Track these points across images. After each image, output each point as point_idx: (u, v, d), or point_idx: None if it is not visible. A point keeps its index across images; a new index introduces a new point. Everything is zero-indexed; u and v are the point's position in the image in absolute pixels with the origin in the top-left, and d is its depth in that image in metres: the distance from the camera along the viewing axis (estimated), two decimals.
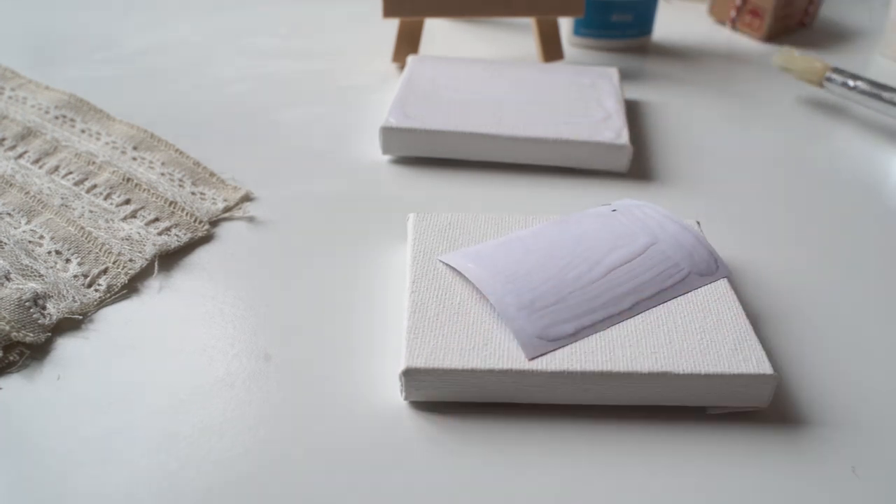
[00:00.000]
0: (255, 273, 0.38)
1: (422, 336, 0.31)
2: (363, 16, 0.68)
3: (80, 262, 0.37)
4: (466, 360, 0.30)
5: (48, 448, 0.28)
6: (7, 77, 0.54)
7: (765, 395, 0.30)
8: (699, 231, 0.38)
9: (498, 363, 0.30)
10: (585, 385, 0.30)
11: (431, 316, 0.32)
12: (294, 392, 0.31)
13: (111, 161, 0.45)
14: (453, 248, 0.36)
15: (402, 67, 0.58)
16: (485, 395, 0.30)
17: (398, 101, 0.48)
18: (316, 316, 0.35)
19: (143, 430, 0.29)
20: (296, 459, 0.28)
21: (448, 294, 0.33)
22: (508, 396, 0.30)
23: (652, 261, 0.35)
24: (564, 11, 0.56)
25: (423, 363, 0.30)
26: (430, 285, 0.34)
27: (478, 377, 0.30)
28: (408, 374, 0.30)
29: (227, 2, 0.71)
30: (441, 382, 0.30)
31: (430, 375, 0.30)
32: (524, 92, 0.50)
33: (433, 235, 0.37)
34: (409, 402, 0.31)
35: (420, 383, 0.30)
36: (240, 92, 0.55)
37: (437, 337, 0.31)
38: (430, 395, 0.30)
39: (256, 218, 0.42)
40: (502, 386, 0.30)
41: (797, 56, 0.57)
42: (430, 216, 0.38)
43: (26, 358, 0.32)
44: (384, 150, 0.46)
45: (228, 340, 0.34)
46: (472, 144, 0.46)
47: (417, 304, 0.33)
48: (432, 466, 0.28)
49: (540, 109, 0.48)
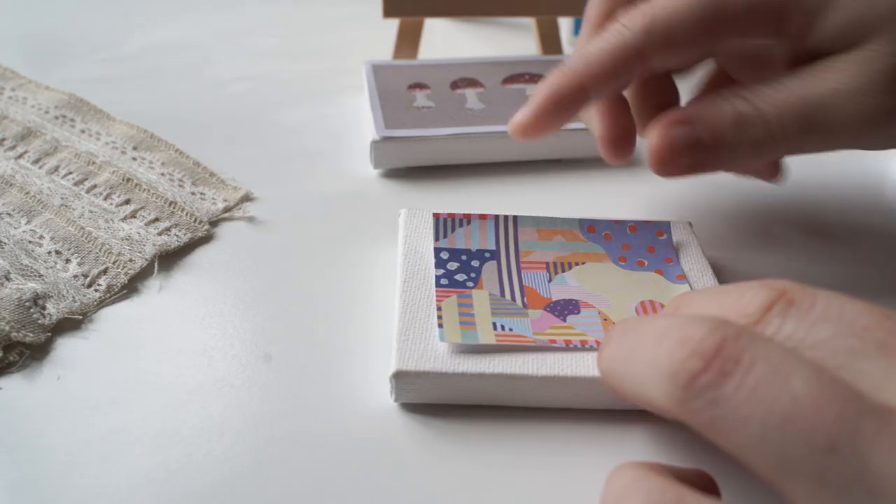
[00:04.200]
0: (255, 273, 0.38)
1: (412, 338, 0.31)
2: (363, 16, 0.68)
3: (80, 262, 0.37)
4: (457, 364, 0.30)
5: (48, 448, 0.28)
6: (7, 77, 0.54)
7: None
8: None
9: (488, 367, 0.30)
10: (576, 390, 0.30)
11: (423, 318, 0.32)
12: (293, 392, 0.31)
13: (111, 161, 0.45)
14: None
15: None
16: (475, 398, 0.30)
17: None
18: (316, 316, 0.35)
19: (143, 430, 0.29)
20: (296, 459, 0.28)
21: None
22: (499, 400, 0.30)
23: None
24: (564, 11, 0.56)
25: (414, 366, 0.30)
26: (421, 285, 0.34)
27: (468, 381, 0.30)
28: (398, 377, 0.30)
29: (227, 2, 0.71)
30: (432, 385, 0.30)
31: (421, 378, 0.30)
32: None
33: (426, 232, 0.37)
34: (399, 403, 0.31)
35: (410, 386, 0.30)
36: (239, 92, 0.55)
37: (427, 339, 0.31)
38: (420, 396, 0.30)
39: (256, 218, 0.42)
40: (493, 390, 0.30)
41: None
42: (423, 212, 0.38)
43: (26, 358, 0.32)
44: (375, 165, 0.45)
45: (228, 340, 0.34)
46: (463, 146, 0.46)
47: (408, 304, 0.32)
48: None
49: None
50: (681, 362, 0.21)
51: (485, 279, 0.34)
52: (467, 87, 0.50)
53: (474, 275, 0.34)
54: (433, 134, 0.45)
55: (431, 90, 0.50)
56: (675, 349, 0.22)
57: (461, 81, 0.51)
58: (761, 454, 0.20)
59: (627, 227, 0.37)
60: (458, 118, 0.47)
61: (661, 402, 0.22)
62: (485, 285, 0.34)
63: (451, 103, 0.48)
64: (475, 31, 0.68)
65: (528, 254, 0.36)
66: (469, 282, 0.34)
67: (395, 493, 0.27)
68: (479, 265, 0.35)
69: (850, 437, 0.19)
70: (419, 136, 0.45)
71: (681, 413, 0.22)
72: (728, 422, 0.20)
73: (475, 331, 0.31)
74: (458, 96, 0.49)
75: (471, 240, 0.36)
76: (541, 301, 0.33)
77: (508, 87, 0.51)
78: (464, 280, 0.34)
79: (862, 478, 0.19)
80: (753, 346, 0.21)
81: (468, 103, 0.48)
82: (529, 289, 0.34)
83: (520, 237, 0.36)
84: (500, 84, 0.51)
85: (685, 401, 0.21)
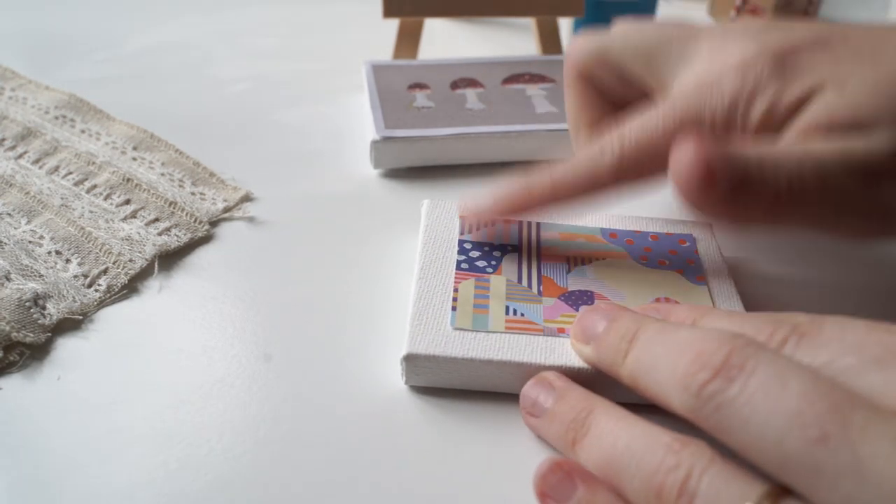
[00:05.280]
0: (255, 273, 0.38)
1: (425, 323, 0.31)
2: (363, 16, 0.68)
3: (81, 263, 0.37)
4: (466, 350, 0.30)
5: (48, 448, 0.28)
6: (7, 77, 0.54)
7: None
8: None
9: (497, 354, 0.30)
10: (582, 380, 0.30)
11: (437, 304, 0.33)
12: (293, 391, 0.31)
13: (111, 161, 0.45)
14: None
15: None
16: (484, 384, 0.31)
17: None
18: (317, 316, 0.35)
19: (143, 430, 0.29)
20: (296, 459, 0.28)
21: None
22: (507, 387, 0.31)
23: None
24: (564, 11, 0.56)
25: (424, 350, 0.30)
26: (438, 272, 0.34)
27: (477, 366, 0.30)
28: (408, 360, 0.30)
29: (227, 2, 0.71)
30: (441, 369, 0.30)
31: (430, 362, 0.30)
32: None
33: (447, 223, 0.37)
34: (409, 386, 0.31)
35: (420, 369, 0.30)
36: (240, 92, 0.55)
37: (440, 324, 0.31)
38: (430, 380, 0.31)
39: (256, 218, 0.42)
40: (501, 376, 0.30)
41: None
42: (445, 202, 0.39)
43: (26, 358, 0.32)
44: (375, 165, 0.45)
45: (228, 340, 0.34)
46: (463, 146, 0.46)
47: (423, 291, 0.33)
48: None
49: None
50: (693, 375, 0.23)
51: (504, 267, 0.35)
52: (467, 88, 0.50)
53: (495, 263, 0.35)
54: (433, 134, 0.45)
55: (431, 90, 0.50)
56: (691, 364, 0.23)
57: (461, 81, 0.51)
58: (762, 451, 0.21)
59: (649, 236, 0.38)
60: (457, 118, 0.47)
61: (680, 410, 0.24)
62: (504, 272, 0.34)
63: (451, 103, 0.48)
64: (475, 31, 0.68)
65: (550, 249, 0.36)
66: (489, 268, 0.35)
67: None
68: (500, 255, 0.36)
69: (840, 428, 0.20)
70: (419, 136, 0.45)
71: (695, 420, 0.23)
72: (732, 422, 0.22)
73: (486, 316, 0.32)
74: (458, 96, 0.49)
75: (494, 237, 0.37)
76: (557, 290, 0.34)
77: (508, 87, 0.51)
78: (483, 266, 0.35)
79: (852, 467, 0.20)
80: (757, 355, 0.23)
81: (468, 103, 0.48)
82: (547, 278, 0.34)
83: (542, 238, 0.37)
84: (500, 84, 0.51)
85: (696, 408, 0.23)
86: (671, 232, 0.38)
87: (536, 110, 0.48)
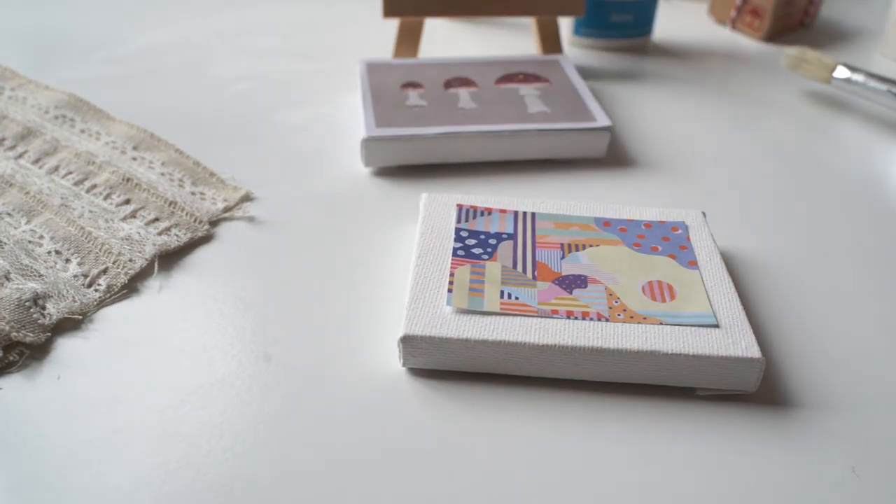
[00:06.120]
0: (255, 273, 0.38)
1: (421, 306, 0.32)
2: (363, 16, 0.68)
3: (80, 262, 0.37)
4: (461, 331, 0.31)
5: (48, 448, 0.28)
6: (7, 77, 0.54)
7: (752, 379, 0.31)
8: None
9: (492, 335, 0.31)
10: (576, 360, 0.31)
11: (433, 289, 0.33)
12: (294, 391, 0.31)
13: (111, 161, 0.45)
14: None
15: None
16: (479, 364, 0.31)
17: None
18: (316, 315, 0.35)
19: (143, 430, 0.29)
20: (296, 458, 0.28)
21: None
22: (502, 368, 0.31)
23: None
24: (564, 11, 0.56)
25: (420, 331, 0.31)
26: (434, 260, 0.35)
27: (471, 347, 0.31)
28: (405, 341, 0.31)
29: (227, 2, 0.71)
30: (437, 350, 0.31)
31: (426, 343, 0.31)
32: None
33: (444, 214, 0.38)
34: (407, 368, 0.32)
35: (417, 350, 0.31)
36: (240, 92, 0.55)
37: (435, 308, 0.32)
38: (426, 362, 0.31)
39: (256, 218, 0.42)
40: (495, 357, 0.31)
41: (810, 52, 0.57)
42: (443, 196, 0.39)
43: (26, 358, 0.32)
44: (366, 164, 0.45)
45: (228, 340, 0.34)
46: (454, 145, 0.46)
47: (420, 277, 0.34)
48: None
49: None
50: None
51: (500, 254, 0.35)
52: (461, 87, 0.50)
53: (490, 250, 0.36)
54: (424, 133, 0.45)
55: (425, 89, 0.50)
56: None
57: (455, 81, 0.51)
58: None
59: (643, 224, 0.38)
60: (449, 117, 0.47)
61: None
62: (499, 258, 0.35)
63: (443, 102, 0.48)
64: (475, 31, 0.68)
65: (545, 237, 0.37)
66: (484, 255, 0.35)
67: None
68: (496, 243, 0.36)
69: None
70: (409, 135, 0.45)
71: None
72: None
73: (481, 298, 0.32)
74: (450, 95, 0.49)
75: (490, 226, 0.37)
76: (551, 275, 0.34)
77: (502, 86, 0.51)
78: (479, 253, 0.35)
79: None
80: None
81: (460, 103, 0.48)
82: (541, 264, 0.35)
83: (537, 227, 0.37)
84: (494, 83, 0.51)
85: None
86: (664, 220, 0.38)
87: (529, 110, 0.48)
